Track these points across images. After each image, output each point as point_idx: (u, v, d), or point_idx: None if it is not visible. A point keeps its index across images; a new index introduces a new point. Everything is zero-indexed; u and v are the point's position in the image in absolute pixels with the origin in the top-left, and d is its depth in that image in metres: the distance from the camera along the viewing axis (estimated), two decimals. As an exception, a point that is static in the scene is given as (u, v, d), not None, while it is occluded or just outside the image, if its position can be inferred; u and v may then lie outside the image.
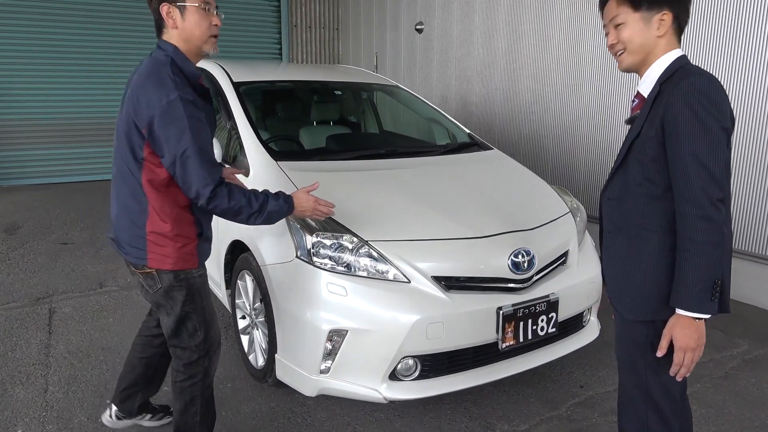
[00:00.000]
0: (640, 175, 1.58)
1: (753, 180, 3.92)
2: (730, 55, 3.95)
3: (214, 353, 2.12)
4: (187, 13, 1.81)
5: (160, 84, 1.76)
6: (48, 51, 7.13)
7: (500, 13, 5.87)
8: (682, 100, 1.46)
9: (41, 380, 2.87)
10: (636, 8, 1.55)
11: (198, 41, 1.85)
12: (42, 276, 4.27)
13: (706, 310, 1.48)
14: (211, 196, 1.79)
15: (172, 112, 1.73)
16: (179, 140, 1.74)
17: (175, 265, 1.93)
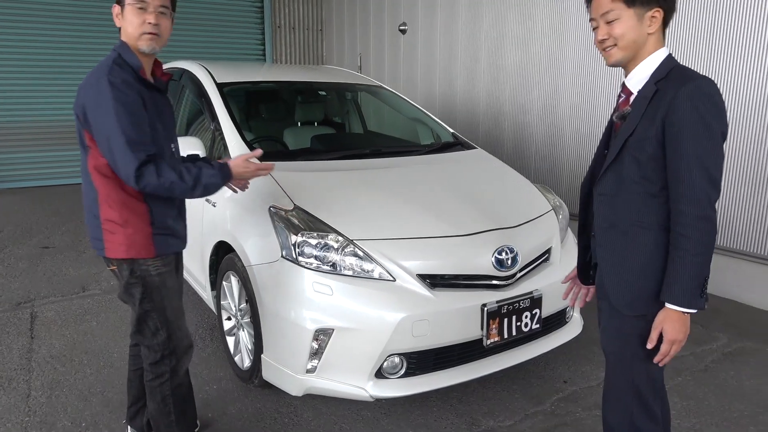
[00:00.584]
0: (636, 173, 1.59)
1: (734, 178, 3.99)
2: (718, 54, 4.03)
3: (183, 354, 2.10)
4: (126, 12, 1.89)
5: (97, 71, 1.85)
6: (27, 55, 7.06)
7: (483, 12, 5.92)
8: (690, 103, 1.47)
9: (23, 385, 2.84)
10: (631, 4, 1.56)
11: (131, 38, 1.90)
12: (23, 280, 4.22)
13: (696, 305, 1.53)
14: (137, 175, 1.78)
15: (98, 94, 1.80)
16: (104, 123, 1.79)
17: (127, 253, 1.93)
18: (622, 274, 1.66)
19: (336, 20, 8.64)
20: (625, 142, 1.60)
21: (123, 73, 1.84)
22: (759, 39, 3.74)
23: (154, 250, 1.96)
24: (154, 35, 1.89)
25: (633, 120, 1.59)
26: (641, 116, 1.57)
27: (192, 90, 3.69)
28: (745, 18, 3.79)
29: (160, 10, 1.89)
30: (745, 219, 3.97)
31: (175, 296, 2.07)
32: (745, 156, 3.90)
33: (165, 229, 2.00)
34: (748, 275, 3.99)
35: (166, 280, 2.02)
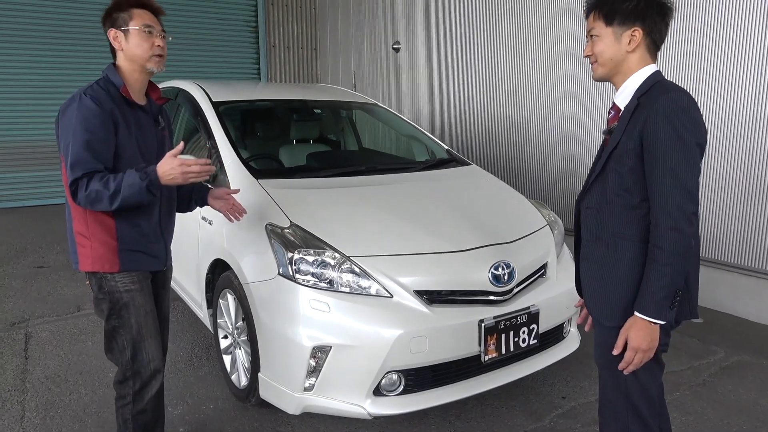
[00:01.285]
0: (618, 185, 1.62)
1: (727, 192, 4.03)
2: (712, 65, 4.08)
3: (149, 379, 2.04)
4: (130, 36, 1.95)
5: (73, 94, 1.90)
6: (22, 73, 7.08)
7: (477, 30, 5.99)
8: (663, 115, 1.51)
9: (17, 407, 2.81)
10: (608, 23, 1.63)
11: (141, 60, 1.96)
12: (17, 300, 4.19)
13: (664, 317, 1.56)
14: (71, 191, 1.83)
15: (67, 108, 1.87)
16: (64, 138, 1.86)
17: (93, 266, 1.95)
18: (602, 285, 1.69)
19: (330, 39, 8.73)
20: (609, 156, 1.65)
21: (99, 91, 1.90)
22: (754, 49, 3.80)
23: (119, 265, 1.96)
24: (162, 57, 1.99)
25: (617, 134, 1.63)
26: (624, 130, 1.61)
27: (188, 109, 3.71)
28: (742, 27, 3.86)
29: (162, 34, 2.00)
30: (739, 232, 4.00)
31: (145, 317, 2.03)
32: (739, 170, 3.94)
33: (134, 246, 1.99)
34: (743, 289, 4.01)
35: (136, 298, 2.00)
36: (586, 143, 4.97)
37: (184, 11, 7.98)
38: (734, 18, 3.84)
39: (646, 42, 1.63)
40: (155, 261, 2.09)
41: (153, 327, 2.06)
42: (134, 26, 1.94)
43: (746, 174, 3.90)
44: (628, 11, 1.60)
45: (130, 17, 1.95)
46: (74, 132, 1.83)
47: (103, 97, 1.89)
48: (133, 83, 2.00)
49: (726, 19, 3.88)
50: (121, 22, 1.95)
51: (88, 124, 1.84)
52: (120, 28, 1.95)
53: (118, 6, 1.97)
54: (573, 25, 4.94)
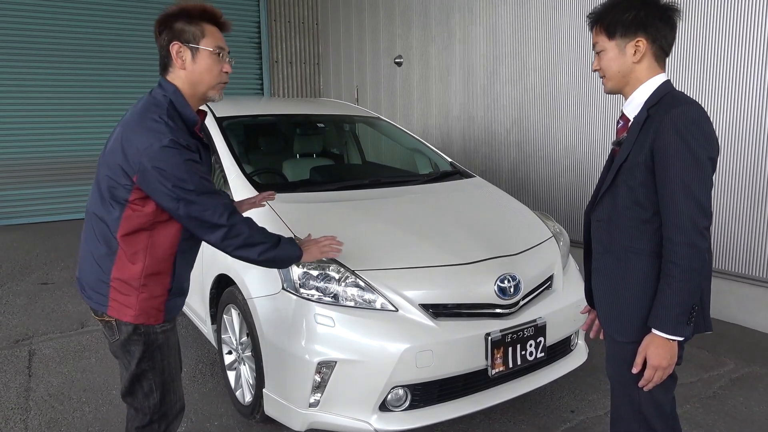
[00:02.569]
0: (629, 198, 1.60)
1: (735, 201, 4.01)
2: (715, 76, 4.08)
3: (174, 418, 1.90)
4: (199, 57, 1.71)
5: (153, 127, 1.63)
6: (26, 91, 7.12)
7: (478, 42, 6.02)
8: (674, 129, 1.49)
9: (20, 425, 2.78)
10: (611, 37, 1.61)
11: (206, 87, 1.75)
12: (21, 317, 4.17)
13: (682, 333, 1.54)
14: (231, 223, 1.70)
15: (167, 158, 1.61)
16: (182, 185, 1.62)
17: (136, 319, 1.74)
18: (615, 300, 1.66)
19: (333, 54, 8.78)
20: (619, 169, 1.62)
21: (180, 131, 1.67)
22: (761, 57, 3.80)
23: (164, 316, 1.80)
24: (226, 84, 1.79)
25: (626, 147, 1.61)
26: (633, 143, 1.59)
27: (192, 124, 3.72)
28: (747, 35, 3.86)
29: (229, 58, 1.79)
30: (748, 242, 3.97)
31: (174, 354, 1.88)
32: (746, 179, 3.92)
33: (178, 293, 1.86)
34: (753, 299, 3.97)
35: (170, 338, 1.85)
36: (591, 154, 4.97)
37: (188, 28, 8.05)
38: (738, 25, 3.84)
39: (653, 50, 1.60)
40: (184, 300, 1.95)
41: (179, 364, 1.93)
42: (207, 46, 1.70)
43: (754, 183, 3.88)
44: (628, 22, 1.58)
45: (202, 34, 1.71)
46: (191, 179, 1.62)
47: (185, 136, 1.66)
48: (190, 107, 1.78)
49: (730, 27, 3.89)
50: (190, 37, 1.69)
51: (198, 170, 1.65)
52: (188, 43, 1.69)
53: (188, 15, 1.70)
54: (576, 35, 4.95)
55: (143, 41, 7.46)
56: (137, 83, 7.50)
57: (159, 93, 1.73)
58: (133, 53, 7.44)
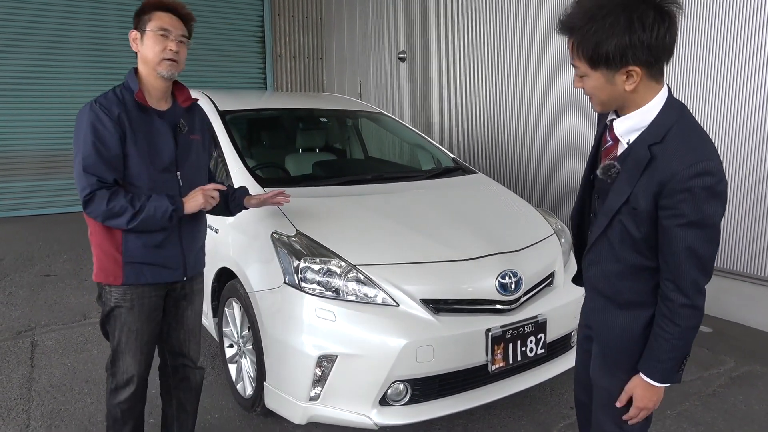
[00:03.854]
0: (629, 246, 1.48)
1: (737, 201, 4.00)
2: (718, 73, 4.07)
3: (124, 385, 2.07)
4: (145, 38, 1.93)
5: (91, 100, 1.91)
6: (28, 84, 7.13)
7: (482, 39, 6.01)
8: (689, 194, 1.33)
9: (23, 415, 2.80)
10: (594, 67, 1.38)
11: (151, 63, 1.94)
12: (24, 309, 4.19)
13: (671, 381, 1.52)
14: (85, 200, 1.84)
15: (79, 117, 1.88)
16: (75, 145, 1.87)
17: (97, 276, 1.99)
18: (613, 342, 1.59)
19: (336, 49, 8.77)
20: (618, 211, 1.47)
21: (113, 98, 1.90)
22: (761, 56, 3.79)
23: (122, 278, 1.96)
24: (174, 62, 1.95)
25: (624, 188, 1.44)
26: (634, 185, 1.41)
27: (195, 118, 3.72)
28: (748, 35, 3.85)
29: (180, 39, 1.96)
30: (749, 241, 3.96)
31: (127, 334, 2.02)
32: (748, 179, 3.91)
33: (140, 258, 1.96)
34: (753, 297, 3.97)
35: (122, 315, 2.00)
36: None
37: (191, 21, 8.04)
38: (735, 28, 3.83)
39: (650, 72, 1.37)
40: (167, 272, 2.03)
41: (135, 345, 2.03)
42: (150, 28, 1.92)
43: (756, 182, 3.88)
44: (615, 50, 1.31)
45: (149, 19, 1.93)
46: (84, 142, 1.84)
47: (113, 104, 1.88)
48: (151, 89, 1.97)
49: (727, 30, 3.87)
50: (141, 24, 1.94)
51: (98, 134, 1.84)
52: (139, 29, 1.95)
53: (143, 8, 1.96)
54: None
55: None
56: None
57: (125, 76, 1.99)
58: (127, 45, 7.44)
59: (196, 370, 2.30)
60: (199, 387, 2.34)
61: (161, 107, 2.01)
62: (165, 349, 2.25)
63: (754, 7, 3.75)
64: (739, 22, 3.83)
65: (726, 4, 3.89)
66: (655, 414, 2.82)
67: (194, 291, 2.21)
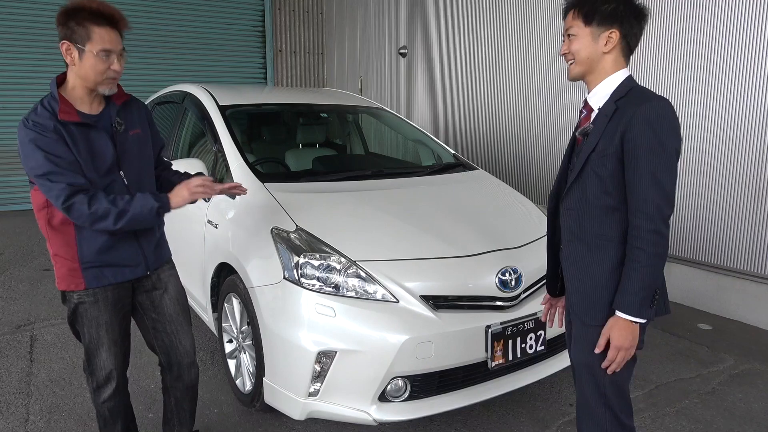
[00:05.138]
0: (598, 188, 1.66)
1: (735, 198, 3.99)
2: (718, 65, 4.06)
3: (105, 382, 2.06)
4: (85, 57, 1.82)
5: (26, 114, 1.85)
6: (28, 76, 7.11)
7: (482, 35, 5.99)
8: (645, 123, 1.56)
9: (22, 410, 2.80)
10: (587, 23, 1.67)
11: (93, 83, 1.87)
12: (23, 303, 4.19)
13: (645, 315, 1.62)
14: (66, 207, 1.80)
15: (20, 137, 1.82)
16: (27, 164, 1.81)
17: (59, 284, 1.98)
18: (587, 285, 1.72)
19: (337, 44, 8.75)
20: (587, 158, 1.68)
21: (43, 112, 1.82)
22: (760, 47, 3.78)
23: (84, 283, 1.95)
24: (116, 79, 1.90)
25: (594, 137, 1.67)
26: (602, 133, 1.65)
27: (194, 112, 3.71)
28: (745, 26, 3.83)
29: (120, 55, 1.88)
30: (748, 239, 3.96)
31: (97, 328, 2.00)
32: (747, 176, 3.91)
33: (97, 261, 1.95)
34: (753, 296, 3.97)
35: (88, 311, 1.99)
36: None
37: (192, 16, 8.02)
38: (734, 12, 3.81)
39: (622, 45, 1.67)
40: (127, 270, 2.02)
41: (107, 338, 2.02)
42: (91, 49, 1.80)
43: (755, 180, 3.87)
44: (607, 13, 1.64)
45: (88, 36, 1.79)
46: (35, 160, 1.77)
47: (46, 119, 1.81)
48: (83, 96, 1.90)
49: (725, 13, 3.86)
50: (78, 38, 1.80)
51: (44, 147, 1.78)
52: (75, 43, 1.80)
53: (78, 16, 1.79)
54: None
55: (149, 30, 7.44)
56: (144, 72, 7.48)
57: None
58: (138, 43, 7.42)
59: (190, 369, 2.25)
60: (194, 385, 2.30)
61: (94, 110, 1.93)
62: (157, 347, 2.23)
63: (751, 25, 3.73)
64: (737, 40, 3.82)
65: (724, 23, 3.87)
66: (654, 411, 2.83)
67: (163, 279, 2.16)
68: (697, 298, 4.24)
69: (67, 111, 1.85)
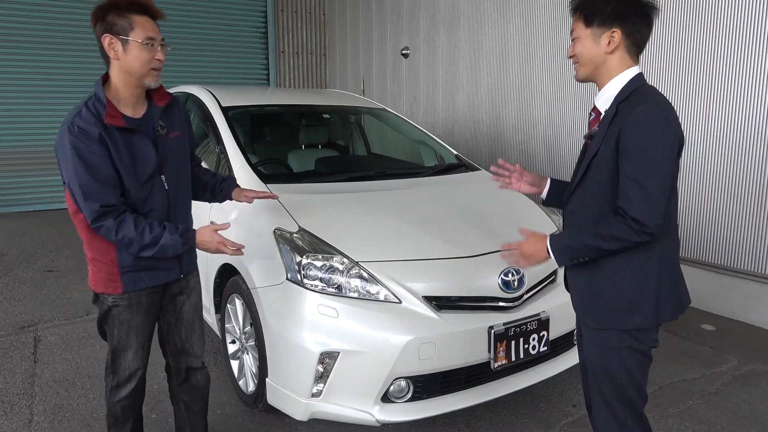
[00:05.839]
0: (597, 192, 1.67)
1: (738, 199, 3.98)
2: (720, 62, 4.05)
3: (125, 381, 2.08)
4: (130, 48, 1.81)
5: (66, 117, 1.82)
6: (31, 78, 7.14)
7: (485, 35, 5.98)
8: (633, 127, 1.54)
9: (26, 410, 2.81)
10: (587, 25, 1.67)
11: (138, 75, 1.85)
12: (27, 304, 4.20)
13: (556, 256, 1.71)
14: (95, 227, 1.81)
15: (61, 140, 1.78)
16: (65, 168, 1.80)
17: (96, 287, 1.99)
18: (588, 289, 1.74)
19: (339, 45, 8.75)
20: (589, 163, 1.68)
21: (88, 116, 1.79)
22: (763, 48, 3.77)
23: (122, 287, 1.96)
24: (159, 70, 1.90)
25: (597, 141, 1.66)
26: (603, 138, 1.64)
27: (197, 114, 3.72)
28: (747, 30, 3.82)
29: (162, 45, 1.89)
30: (751, 239, 3.95)
31: (128, 331, 2.02)
32: (749, 177, 3.90)
33: (136, 266, 1.95)
34: (756, 296, 3.96)
35: (121, 314, 1.99)
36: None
37: (194, 17, 8.03)
38: (734, 10, 3.80)
39: (626, 43, 1.65)
40: (163, 273, 2.03)
41: (136, 341, 2.04)
42: (135, 38, 1.79)
43: (757, 181, 3.86)
44: (606, 12, 1.63)
45: (130, 26, 1.79)
46: (75, 170, 1.76)
47: (91, 125, 1.78)
48: (127, 96, 1.89)
49: (726, 12, 3.85)
50: (120, 30, 1.79)
51: (86, 159, 1.76)
52: (117, 35, 1.79)
53: (116, 8, 1.79)
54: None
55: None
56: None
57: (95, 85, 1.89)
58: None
59: (198, 371, 2.27)
60: (204, 388, 2.31)
61: (137, 113, 1.92)
62: (168, 350, 2.24)
63: (753, 25, 3.72)
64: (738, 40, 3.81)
65: (725, 23, 3.86)
66: (658, 412, 2.82)
67: (190, 286, 2.19)
68: (700, 299, 4.23)
69: (113, 115, 1.83)
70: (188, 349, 2.23)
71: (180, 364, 2.23)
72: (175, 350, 2.22)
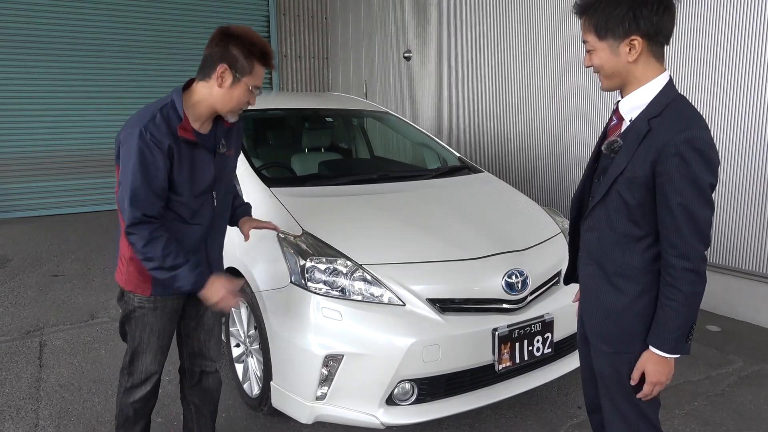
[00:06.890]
0: (624, 215, 1.57)
1: (744, 199, 3.97)
2: (722, 66, 4.04)
3: (141, 383, 2.09)
4: (238, 86, 1.85)
5: (142, 114, 1.83)
6: (38, 84, 7.17)
7: (487, 38, 5.99)
8: (679, 156, 1.43)
9: (31, 415, 2.82)
10: (602, 37, 1.52)
11: (229, 109, 1.90)
12: (32, 309, 4.22)
13: (681, 351, 1.55)
14: (128, 232, 1.82)
15: (129, 140, 1.79)
16: (124, 168, 1.81)
17: (125, 285, 2.01)
18: (602, 312, 1.66)
19: (342, 48, 8.77)
20: (614, 181, 1.56)
21: (161, 124, 1.81)
22: (761, 65, 3.76)
23: (150, 290, 1.98)
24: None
25: (623, 157, 1.54)
26: (632, 156, 1.52)
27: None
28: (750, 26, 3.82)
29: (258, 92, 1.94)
30: (756, 240, 3.93)
31: (149, 335, 2.04)
32: (756, 177, 3.89)
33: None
34: (762, 297, 3.94)
35: (146, 316, 2.01)
36: (599, 150, 4.93)
37: (196, 21, 8.06)
38: (743, 11, 3.80)
39: (649, 47, 1.50)
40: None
41: (156, 345, 2.06)
42: (248, 83, 1.85)
43: (762, 182, 3.85)
44: (619, 20, 1.47)
45: (250, 71, 1.85)
46: (133, 173, 1.77)
47: (163, 134, 1.80)
48: (204, 115, 1.91)
49: (735, 13, 3.84)
50: (239, 68, 1.83)
51: (147, 166, 1.78)
52: (234, 71, 1.83)
53: (246, 48, 1.83)
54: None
55: (152, 34, 7.49)
56: (146, 77, 7.53)
57: (170, 94, 1.90)
58: (141, 47, 7.47)
59: (211, 375, 2.27)
60: (215, 391, 2.31)
61: (204, 129, 1.95)
62: (185, 351, 2.25)
63: (755, 16, 3.71)
64: (740, 31, 3.80)
65: (726, 15, 3.86)
66: (663, 414, 2.81)
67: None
68: (705, 300, 4.21)
69: (186, 129, 1.86)
70: (205, 352, 2.24)
71: (195, 366, 2.24)
72: (192, 353, 2.23)
